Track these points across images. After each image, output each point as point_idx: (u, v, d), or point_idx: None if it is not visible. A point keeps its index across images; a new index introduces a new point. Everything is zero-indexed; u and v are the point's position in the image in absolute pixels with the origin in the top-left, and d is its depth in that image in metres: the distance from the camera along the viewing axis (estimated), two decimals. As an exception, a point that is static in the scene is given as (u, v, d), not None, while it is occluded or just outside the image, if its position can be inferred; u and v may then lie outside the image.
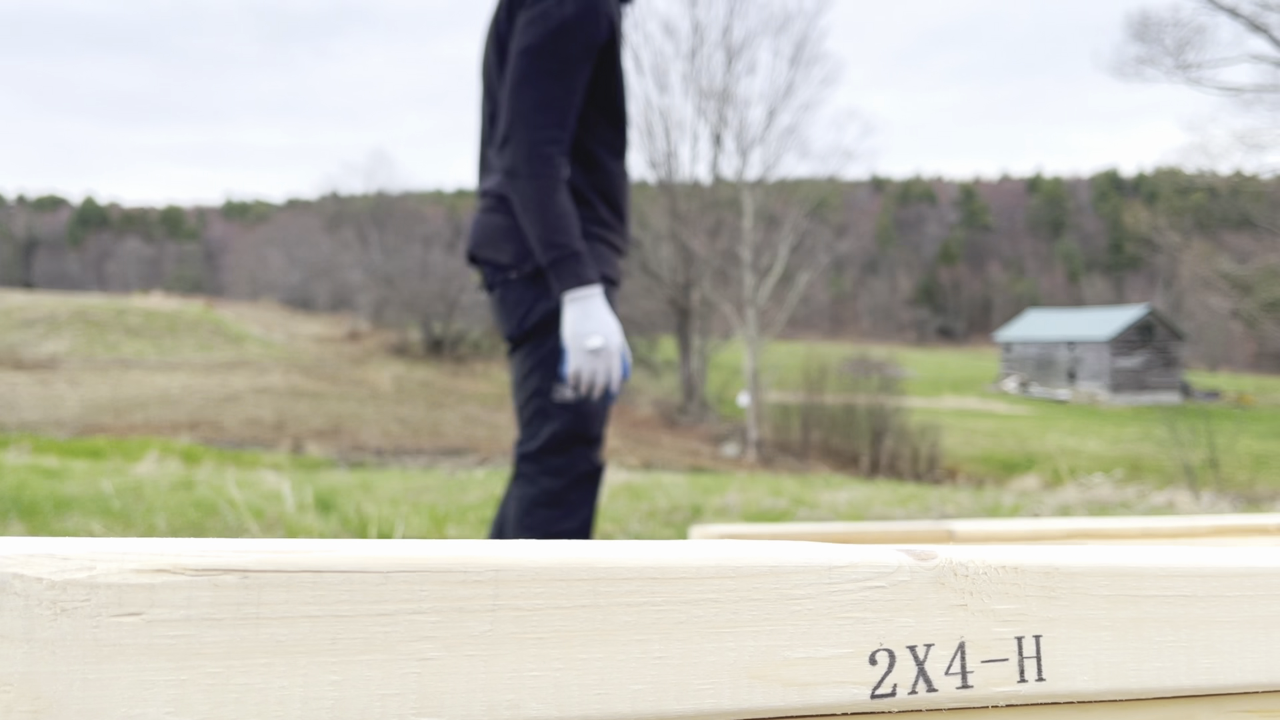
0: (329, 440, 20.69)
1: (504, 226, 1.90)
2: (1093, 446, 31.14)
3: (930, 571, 0.41)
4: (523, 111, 1.81)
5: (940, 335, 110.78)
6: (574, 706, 0.36)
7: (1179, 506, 7.00)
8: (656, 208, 30.83)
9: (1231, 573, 0.45)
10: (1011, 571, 0.42)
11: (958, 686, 0.40)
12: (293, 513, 4.14)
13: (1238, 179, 18.30)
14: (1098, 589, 0.43)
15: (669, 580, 0.38)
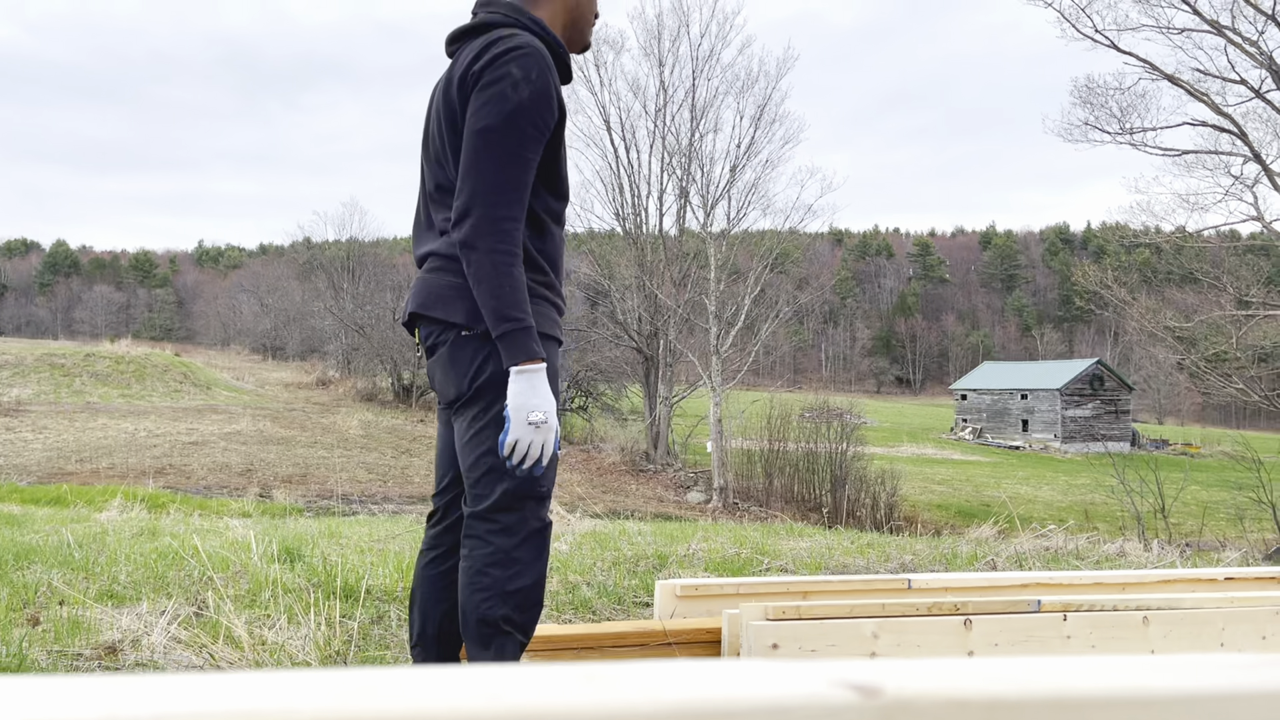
0: (297, 487, 20.38)
1: (456, 285, 1.95)
2: (1046, 494, 31.49)
3: (877, 711, 0.43)
4: (482, 189, 1.87)
5: (898, 384, 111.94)
6: None
7: (1130, 555, 7.10)
8: (624, 259, 31.10)
9: (1172, 700, 0.48)
10: (957, 707, 0.44)
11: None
12: (258, 563, 4.08)
13: (1180, 237, 18.85)
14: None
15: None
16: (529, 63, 1.91)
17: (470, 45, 2.00)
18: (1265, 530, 15.36)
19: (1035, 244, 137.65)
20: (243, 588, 3.61)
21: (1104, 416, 54.07)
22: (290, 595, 3.45)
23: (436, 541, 2.16)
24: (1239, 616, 2.97)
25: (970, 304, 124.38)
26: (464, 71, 1.94)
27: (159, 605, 3.15)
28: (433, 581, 2.12)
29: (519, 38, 1.95)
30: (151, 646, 2.62)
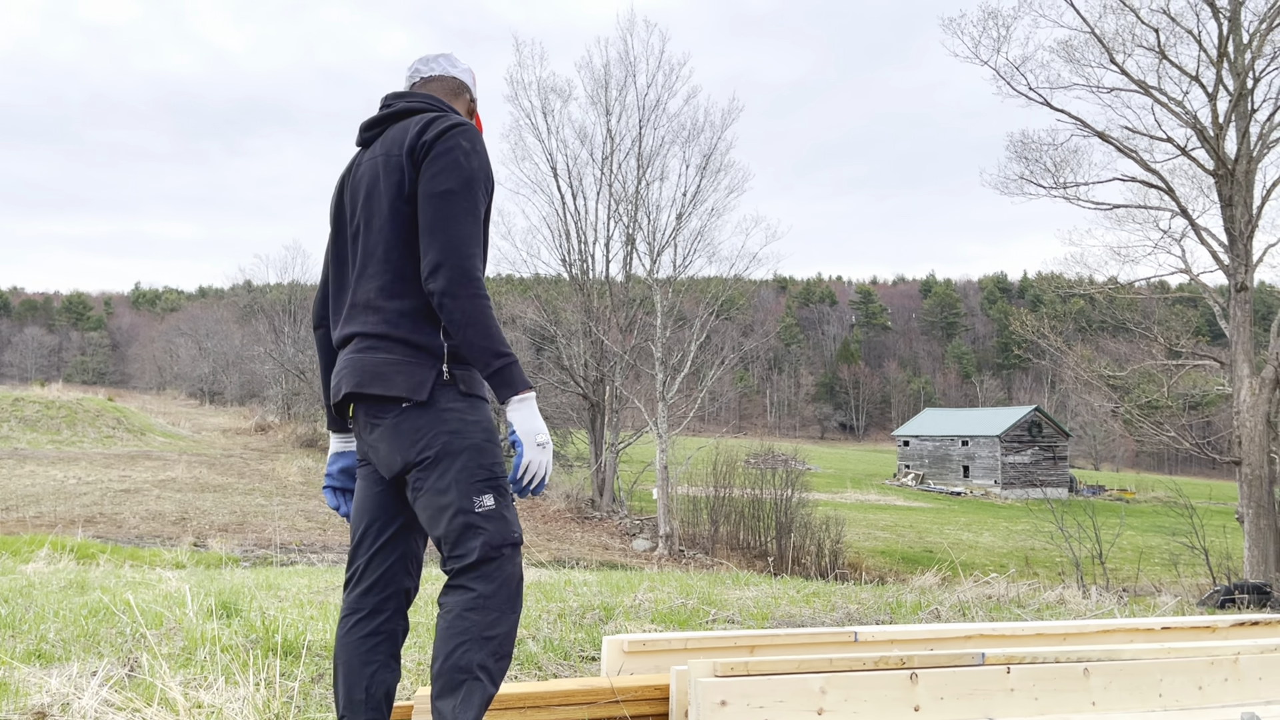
0: (233, 535, 19.85)
1: (391, 361, 2.07)
2: (987, 540, 31.91)
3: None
4: (451, 244, 2.03)
5: (842, 430, 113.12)
6: None
7: (1069, 602, 7.22)
8: (570, 305, 31.14)
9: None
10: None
11: None
12: (193, 618, 3.96)
13: (1113, 288, 19.45)
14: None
15: None
16: (473, 136, 2.13)
17: (400, 126, 2.19)
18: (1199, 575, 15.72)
19: (974, 292, 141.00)
20: (177, 645, 3.50)
21: (1042, 463, 55.18)
22: (228, 653, 3.35)
23: (357, 605, 2.19)
24: (1176, 667, 3.02)
25: (912, 351, 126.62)
26: (413, 142, 2.12)
27: (89, 665, 3.04)
28: (356, 645, 2.16)
29: (456, 117, 2.17)
30: (83, 711, 2.53)
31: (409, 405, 2.04)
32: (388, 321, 2.08)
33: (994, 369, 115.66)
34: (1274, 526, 15.16)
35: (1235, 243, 15.90)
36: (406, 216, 2.10)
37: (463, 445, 2.03)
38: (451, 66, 2.39)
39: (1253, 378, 15.69)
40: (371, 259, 2.14)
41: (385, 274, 2.11)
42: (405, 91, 2.33)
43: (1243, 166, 15.78)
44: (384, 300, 2.10)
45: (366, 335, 2.11)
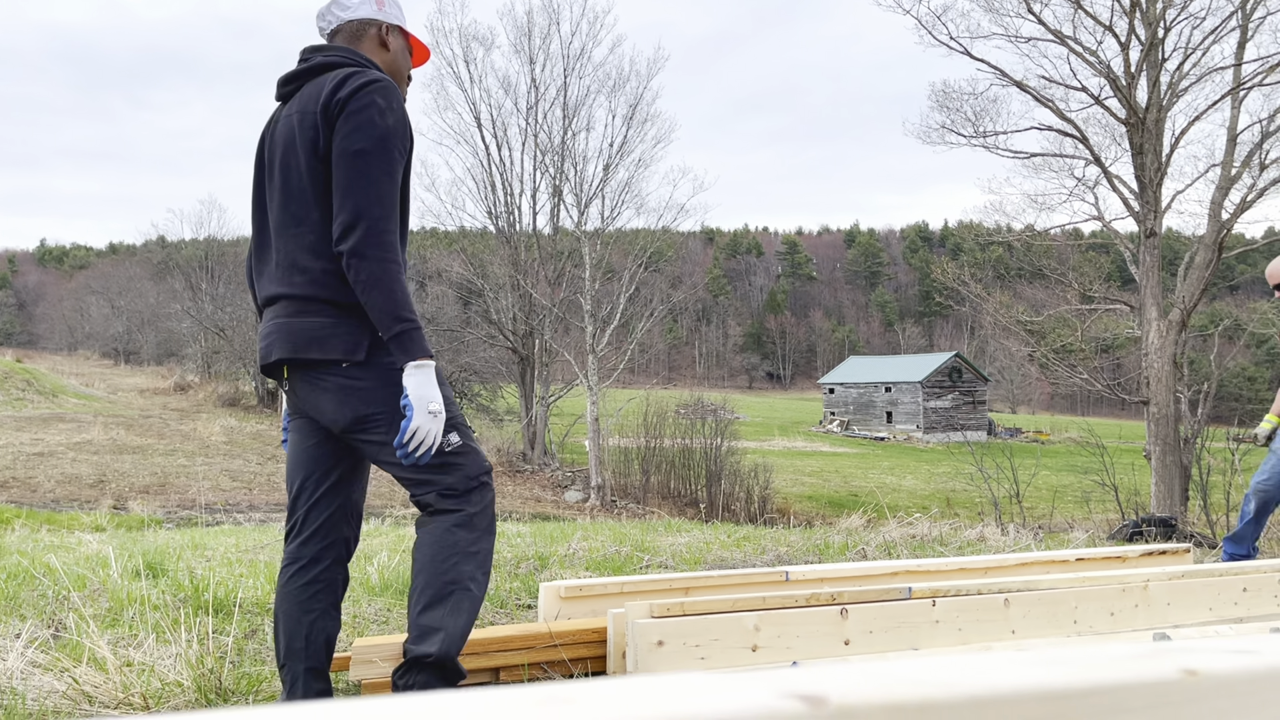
0: (155, 497, 19.34)
1: (324, 324, 2.09)
2: (910, 483, 32.81)
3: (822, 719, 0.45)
4: (364, 204, 2.04)
5: (769, 380, 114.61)
6: None
7: (989, 539, 7.48)
8: (497, 258, 30.72)
9: (1073, 693, 0.52)
10: (895, 711, 0.46)
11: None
12: (119, 579, 3.86)
13: (1030, 235, 19.93)
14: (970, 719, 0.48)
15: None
16: (390, 94, 2.11)
17: (316, 82, 2.16)
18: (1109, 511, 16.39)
19: (896, 242, 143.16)
20: (103, 606, 3.42)
21: (962, 407, 56.73)
22: (157, 612, 3.28)
23: (297, 555, 2.23)
24: (1090, 595, 3.16)
25: (836, 300, 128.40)
26: (326, 100, 2.08)
27: (12, 628, 2.96)
28: (296, 594, 2.19)
29: (372, 73, 2.14)
30: (8, 673, 2.45)
31: (349, 364, 2.08)
32: (315, 283, 2.08)
33: (916, 317, 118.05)
34: (1179, 463, 15.88)
35: (1145, 190, 16.39)
36: (324, 176, 2.09)
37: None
38: (342, 10, 2.30)
39: (1160, 321, 16.29)
40: (292, 218, 2.13)
41: (309, 234, 2.10)
42: (322, 45, 2.28)
43: (1153, 115, 16.22)
44: (310, 260, 2.09)
45: (295, 298, 2.11)
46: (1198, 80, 16.43)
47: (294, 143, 2.13)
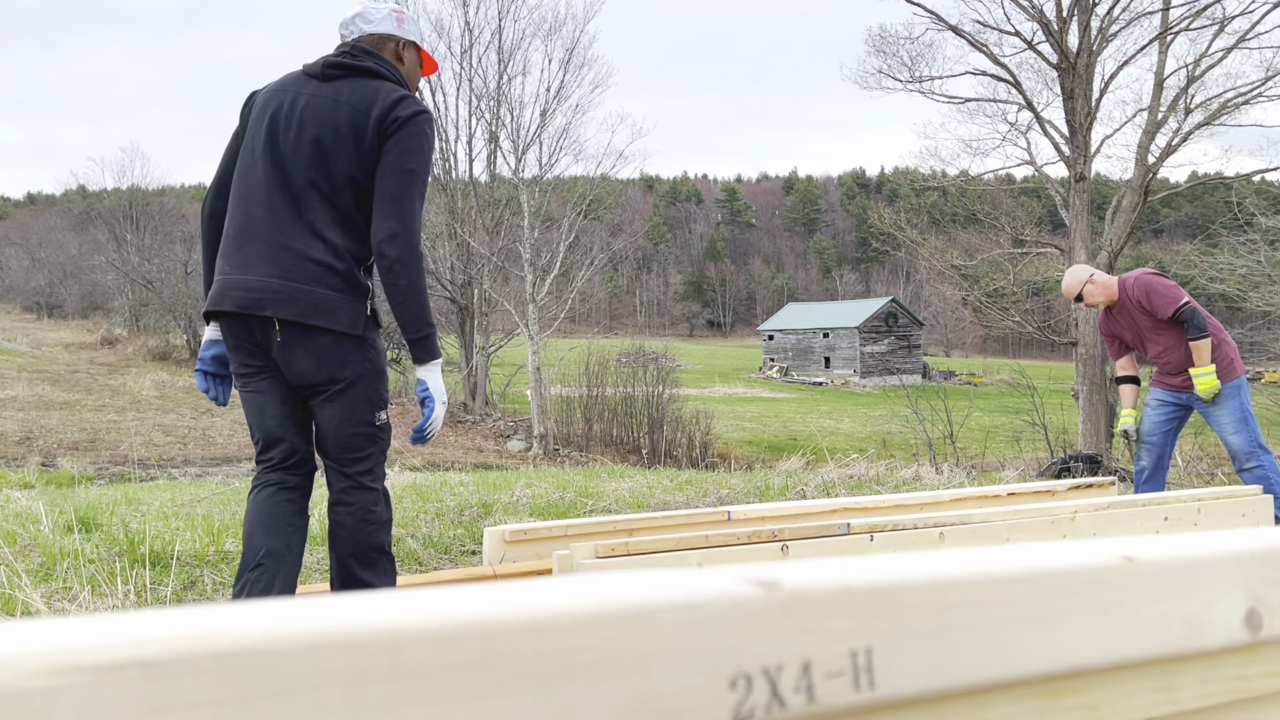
0: (85, 454, 18.85)
1: (336, 298, 2.32)
2: (847, 426, 33.39)
3: (778, 601, 0.45)
4: (409, 219, 2.36)
5: (709, 327, 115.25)
6: None
7: (924, 478, 7.66)
8: (434, 206, 30.15)
9: (1019, 578, 0.53)
10: (844, 594, 0.47)
11: (805, 702, 0.45)
12: (50, 535, 3.77)
13: (964, 181, 20.18)
14: (915, 600, 0.49)
15: (550, 632, 0.40)
16: (432, 129, 2.47)
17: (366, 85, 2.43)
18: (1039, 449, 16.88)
19: (834, 189, 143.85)
20: (35, 562, 3.34)
21: (898, 351, 57.71)
22: (92, 566, 3.21)
23: (282, 479, 2.47)
24: (1021, 527, 3.26)
25: (776, 247, 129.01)
26: (383, 112, 2.37)
27: (-63, 587, 2.87)
28: (280, 507, 2.42)
29: (420, 103, 2.46)
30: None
31: (341, 333, 2.32)
32: (338, 256, 2.32)
33: (853, 263, 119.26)
34: (1105, 401, 16.39)
35: (1075, 134, 16.66)
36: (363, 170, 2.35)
37: (374, 370, 2.40)
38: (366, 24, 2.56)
39: (1089, 263, 16.67)
40: (318, 192, 2.34)
41: (335, 212, 2.34)
42: (370, 50, 2.51)
43: (1084, 60, 16.43)
44: (335, 235, 2.33)
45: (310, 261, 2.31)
46: (1127, 25, 16.66)
47: (338, 128, 2.36)
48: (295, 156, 2.36)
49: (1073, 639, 0.53)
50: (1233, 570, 0.60)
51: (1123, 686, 0.57)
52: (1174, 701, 0.58)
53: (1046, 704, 0.54)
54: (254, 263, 2.33)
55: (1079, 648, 0.54)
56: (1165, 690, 0.58)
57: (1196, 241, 23.33)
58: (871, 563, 0.49)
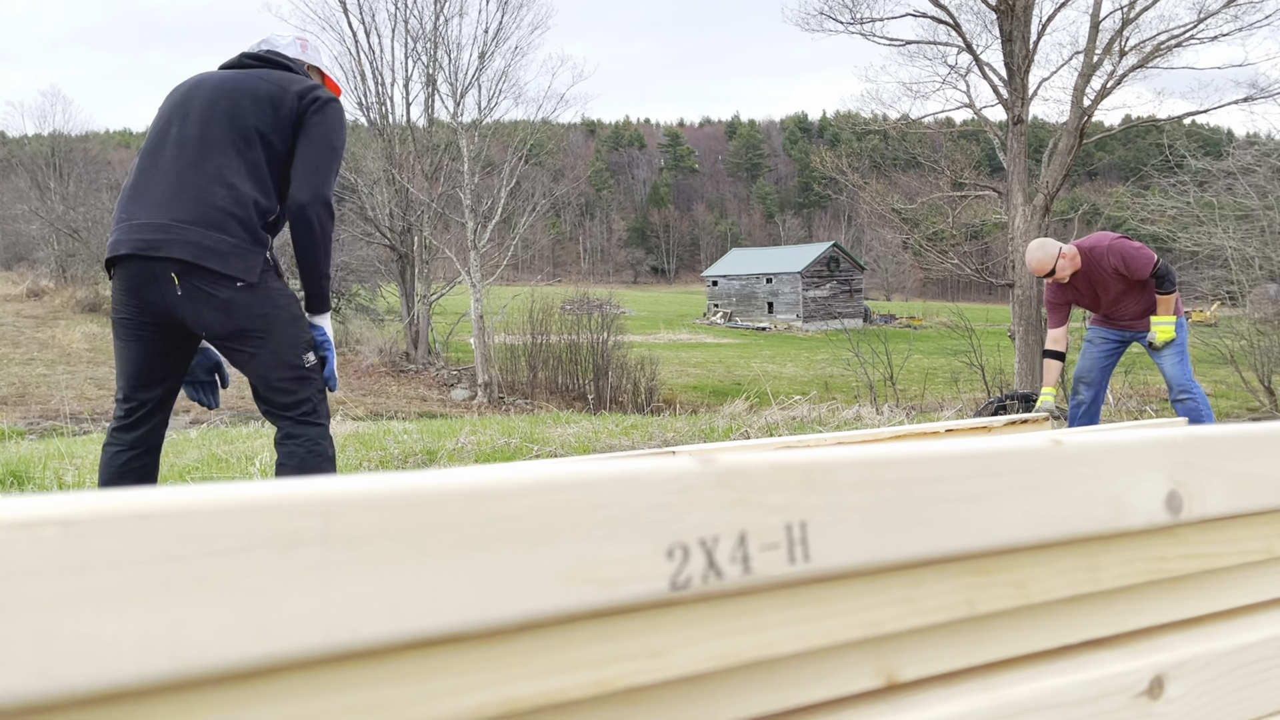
0: (13, 409, 18.31)
1: (231, 243, 2.35)
2: (790, 370, 33.77)
3: (714, 474, 0.46)
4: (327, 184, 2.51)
5: (653, 274, 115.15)
6: (407, 623, 0.38)
7: (865, 418, 7.80)
8: (370, 152, 29.46)
9: (949, 457, 0.54)
10: (780, 469, 0.47)
11: (741, 572, 0.45)
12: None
13: (905, 124, 20.27)
14: (848, 478, 0.50)
15: (488, 499, 0.40)
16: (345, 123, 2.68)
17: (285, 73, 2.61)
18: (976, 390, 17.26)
19: (776, 133, 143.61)
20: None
21: (840, 296, 58.33)
22: (23, 516, 3.14)
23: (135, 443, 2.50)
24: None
25: (719, 193, 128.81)
26: (304, 90, 2.53)
27: None
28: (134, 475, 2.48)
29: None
30: None
31: (242, 285, 2.35)
32: (238, 202, 2.36)
33: (796, 208, 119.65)
34: (1040, 341, 16.76)
35: (1014, 77, 16.80)
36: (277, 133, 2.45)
37: (288, 316, 2.44)
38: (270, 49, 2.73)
39: (1025, 206, 16.93)
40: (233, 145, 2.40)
41: (243, 161, 2.40)
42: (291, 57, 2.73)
43: (1022, 1, 16.51)
44: (241, 183, 2.37)
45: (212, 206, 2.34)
46: (1064, -34, 16.76)
47: (256, 95, 2.47)
48: (209, 113, 2.44)
49: (1001, 518, 0.55)
50: (1155, 455, 0.62)
51: (1050, 565, 0.58)
52: (1098, 581, 0.61)
53: (977, 580, 0.55)
54: (156, 207, 2.36)
55: (1007, 526, 0.55)
56: (1090, 569, 0.60)
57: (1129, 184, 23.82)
58: (808, 449, 0.50)
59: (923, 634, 0.55)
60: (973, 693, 0.56)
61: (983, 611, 0.55)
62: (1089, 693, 0.59)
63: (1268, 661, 0.68)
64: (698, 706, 0.48)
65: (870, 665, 0.53)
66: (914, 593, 0.53)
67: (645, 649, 0.45)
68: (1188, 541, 0.66)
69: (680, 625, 0.46)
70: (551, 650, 0.43)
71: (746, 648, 0.47)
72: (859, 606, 0.51)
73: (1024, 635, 0.59)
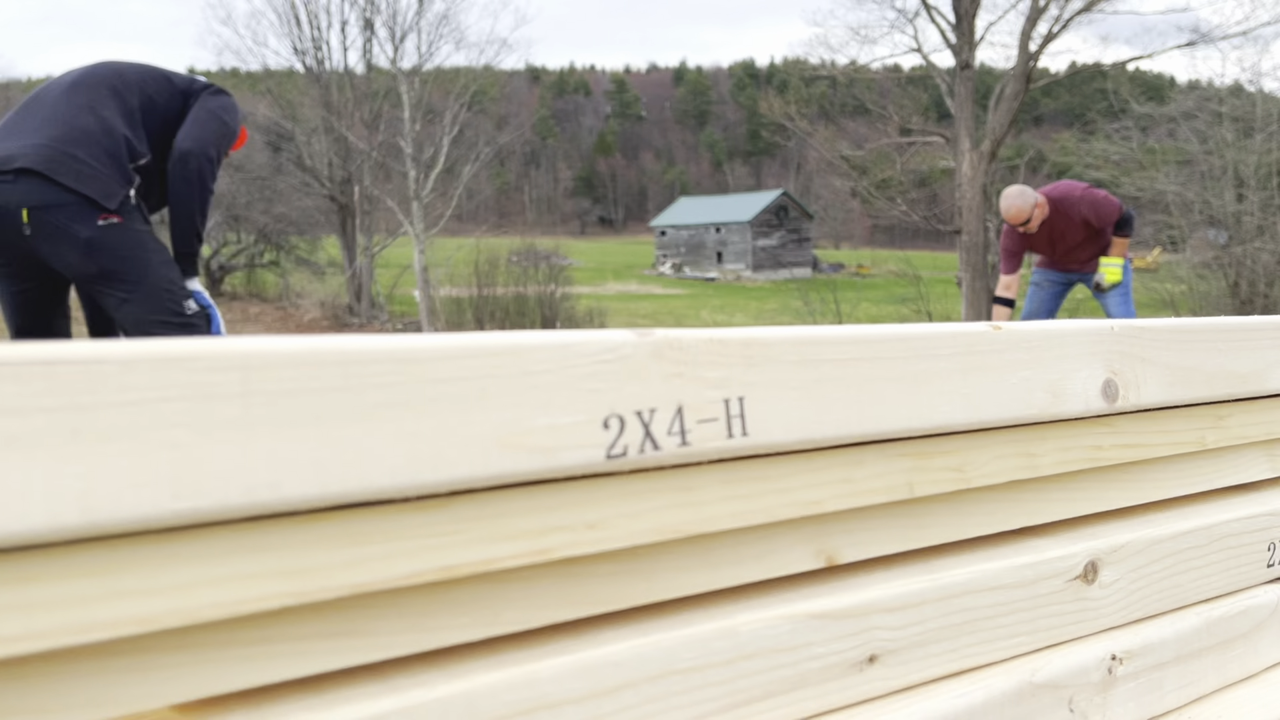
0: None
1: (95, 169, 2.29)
2: (739, 320, 33.96)
3: (650, 345, 0.45)
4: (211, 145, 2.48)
5: (601, 224, 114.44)
6: (334, 483, 0.37)
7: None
8: (307, 99, 28.69)
9: (889, 338, 0.54)
10: (718, 344, 0.47)
11: (678, 445, 0.45)
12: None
13: (853, 70, 20.24)
14: (787, 355, 0.49)
15: (418, 361, 0.39)
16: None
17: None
18: (920, 334, 17.50)
19: (724, 80, 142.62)
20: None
21: (789, 245, 58.56)
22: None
23: None
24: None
25: (666, 141, 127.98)
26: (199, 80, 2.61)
27: None
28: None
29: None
30: None
31: (105, 225, 2.29)
32: (108, 132, 2.30)
33: (744, 156, 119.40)
34: (987, 288, 17.02)
35: (961, 21, 16.84)
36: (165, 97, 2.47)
37: (159, 261, 2.38)
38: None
39: (973, 152, 17.07)
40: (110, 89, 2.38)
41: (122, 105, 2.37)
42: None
43: (968, -55, 16.50)
44: (112, 116, 2.32)
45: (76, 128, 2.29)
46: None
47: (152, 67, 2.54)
48: (94, 69, 2.45)
49: (941, 400, 0.55)
50: (1092, 343, 0.63)
51: (988, 450, 0.59)
52: (1035, 467, 0.61)
53: (916, 463, 0.55)
54: (16, 136, 2.30)
55: (947, 409, 0.55)
56: (1027, 455, 0.61)
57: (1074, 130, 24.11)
58: (753, 329, 0.50)
59: (863, 515, 0.55)
60: (912, 575, 0.56)
61: (922, 494, 0.56)
62: (1025, 576, 0.60)
63: (1197, 550, 0.70)
64: (637, 582, 0.48)
65: (810, 546, 0.53)
66: (854, 473, 0.53)
67: (582, 520, 0.44)
68: (1123, 431, 0.67)
69: (618, 498, 0.45)
70: (487, 519, 0.43)
71: (685, 523, 0.47)
72: (798, 485, 0.51)
73: (963, 521, 0.60)
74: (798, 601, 0.52)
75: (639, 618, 0.49)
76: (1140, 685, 0.64)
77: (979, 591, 0.58)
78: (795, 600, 0.52)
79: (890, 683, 0.54)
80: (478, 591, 0.43)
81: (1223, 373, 0.71)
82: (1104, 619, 0.65)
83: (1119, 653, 0.63)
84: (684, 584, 0.49)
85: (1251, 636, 0.72)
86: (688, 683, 0.47)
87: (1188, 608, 0.70)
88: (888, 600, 0.54)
